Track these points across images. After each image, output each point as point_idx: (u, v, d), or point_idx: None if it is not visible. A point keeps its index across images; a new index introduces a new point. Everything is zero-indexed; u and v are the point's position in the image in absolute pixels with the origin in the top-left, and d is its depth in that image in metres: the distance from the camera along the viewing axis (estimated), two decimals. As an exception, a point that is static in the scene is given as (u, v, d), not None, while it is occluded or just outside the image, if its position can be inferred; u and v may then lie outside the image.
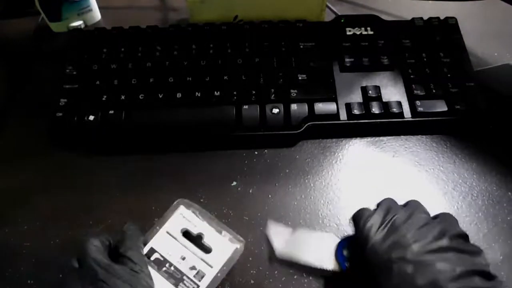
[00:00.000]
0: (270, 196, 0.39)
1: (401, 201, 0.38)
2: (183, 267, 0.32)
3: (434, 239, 0.29)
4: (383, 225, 0.30)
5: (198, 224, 0.34)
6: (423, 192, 0.39)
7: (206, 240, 0.34)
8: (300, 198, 0.39)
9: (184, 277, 0.32)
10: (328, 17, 0.52)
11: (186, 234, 0.34)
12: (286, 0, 0.50)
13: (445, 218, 0.32)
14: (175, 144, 0.42)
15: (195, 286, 0.31)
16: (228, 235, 0.34)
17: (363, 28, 0.47)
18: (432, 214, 0.38)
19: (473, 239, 0.36)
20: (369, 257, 0.29)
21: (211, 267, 0.32)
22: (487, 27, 0.55)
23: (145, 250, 0.32)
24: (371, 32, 0.47)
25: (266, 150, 0.42)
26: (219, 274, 0.32)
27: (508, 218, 0.37)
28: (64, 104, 0.42)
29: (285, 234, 0.35)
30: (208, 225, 0.35)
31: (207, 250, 0.33)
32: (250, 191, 0.39)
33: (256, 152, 0.42)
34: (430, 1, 0.57)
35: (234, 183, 0.40)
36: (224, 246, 0.34)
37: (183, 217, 0.35)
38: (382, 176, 0.40)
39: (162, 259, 0.32)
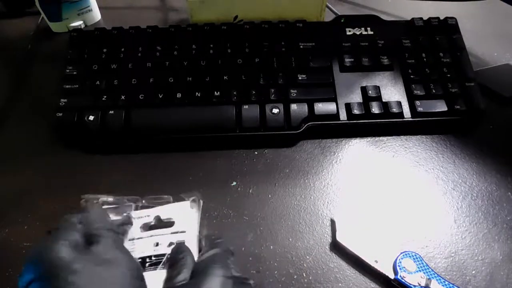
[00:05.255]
0: (270, 196, 0.39)
1: (400, 202, 0.38)
2: (162, 250, 0.32)
3: None
4: None
5: (149, 212, 0.35)
6: (423, 192, 0.39)
7: (164, 218, 0.34)
8: (300, 198, 0.39)
9: (168, 256, 0.31)
10: (328, 17, 0.52)
11: (147, 227, 0.34)
12: (286, 0, 0.50)
13: None
14: (175, 144, 0.42)
15: None
16: (177, 200, 0.35)
17: (363, 28, 0.47)
18: (433, 213, 0.38)
19: (473, 239, 0.36)
20: None
21: (184, 231, 0.33)
22: (487, 27, 0.55)
23: None
24: (371, 32, 0.47)
25: (266, 150, 0.42)
26: (194, 232, 0.33)
27: (508, 218, 0.37)
28: (64, 104, 0.42)
29: (353, 225, 0.36)
30: (156, 206, 0.35)
31: (172, 224, 0.34)
32: (250, 191, 0.39)
33: (256, 152, 0.42)
34: (430, 1, 0.57)
35: (234, 183, 0.40)
36: (180, 210, 0.34)
37: (133, 218, 0.34)
38: (382, 176, 0.40)
39: (140, 260, 0.32)
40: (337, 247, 0.35)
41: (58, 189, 0.39)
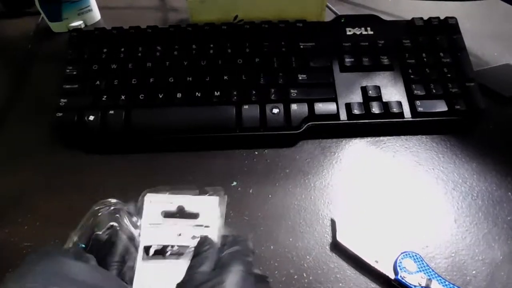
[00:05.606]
0: (270, 196, 0.39)
1: (400, 202, 0.38)
2: (184, 241, 0.32)
3: None
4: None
5: (173, 200, 0.34)
6: (423, 192, 0.39)
7: (189, 209, 0.34)
8: (300, 198, 0.39)
9: (191, 249, 0.32)
10: (328, 17, 0.52)
11: (168, 214, 0.34)
12: (286, 0, 0.50)
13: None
14: (175, 144, 0.42)
15: None
16: (206, 193, 0.35)
17: (363, 28, 0.47)
18: (433, 214, 0.38)
19: (473, 239, 0.36)
20: None
21: (208, 226, 0.33)
22: (487, 27, 0.55)
23: (140, 251, 0.32)
24: (371, 32, 0.47)
25: (266, 150, 0.42)
26: (219, 228, 0.33)
27: (508, 218, 0.37)
28: (64, 104, 0.42)
29: (354, 225, 0.36)
30: (182, 196, 0.35)
31: (195, 216, 0.33)
32: (250, 191, 0.39)
33: (256, 152, 0.42)
34: (430, 1, 0.57)
35: (234, 183, 0.40)
36: (207, 204, 0.34)
37: (155, 202, 0.34)
38: (382, 176, 0.40)
39: (160, 247, 0.32)
40: (337, 247, 0.35)
41: (58, 189, 0.39)
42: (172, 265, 0.31)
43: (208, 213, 0.34)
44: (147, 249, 0.32)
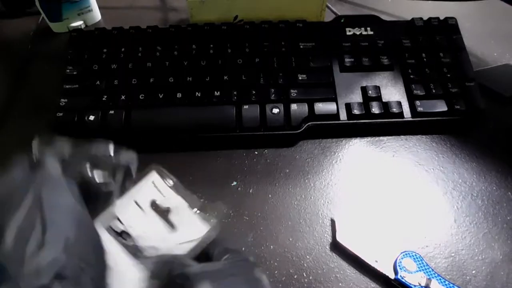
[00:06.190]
0: (270, 196, 0.39)
1: (400, 202, 0.38)
2: (143, 243, 0.28)
3: None
4: None
5: (170, 196, 0.30)
6: (423, 192, 0.39)
7: (173, 216, 0.29)
8: (300, 198, 0.39)
9: (152, 258, 0.27)
10: (328, 17, 0.52)
11: (154, 206, 0.30)
12: (286, 0, 0.50)
13: None
14: (175, 144, 0.42)
15: None
16: (201, 215, 0.30)
17: (363, 28, 0.47)
18: (433, 213, 0.38)
19: (473, 239, 0.36)
20: None
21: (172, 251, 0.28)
22: (487, 27, 0.55)
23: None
24: (371, 32, 0.47)
25: (266, 150, 0.42)
26: (191, 250, 0.28)
27: (508, 218, 0.37)
28: (64, 104, 0.42)
29: (354, 225, 0.36)
30: (181, 198, 0.30)
31: (173, 227, 0.29)
32: (250, 191, 0.39)
33: (256, 152, 0.42)
34: (430, 1, 0.57)
35: (234, 183, 0.40)
36: (192, 226, 0.29)
37: (154, 186, 0.31)
38: (382, 176, 0.40)
39: (122, 229, 0.28)
40: (337, 247, 0.35)
41: (58, 189, 0.39)
42: (115, 250, 0.27)
43: (184, 237, 0.29)
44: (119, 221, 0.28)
